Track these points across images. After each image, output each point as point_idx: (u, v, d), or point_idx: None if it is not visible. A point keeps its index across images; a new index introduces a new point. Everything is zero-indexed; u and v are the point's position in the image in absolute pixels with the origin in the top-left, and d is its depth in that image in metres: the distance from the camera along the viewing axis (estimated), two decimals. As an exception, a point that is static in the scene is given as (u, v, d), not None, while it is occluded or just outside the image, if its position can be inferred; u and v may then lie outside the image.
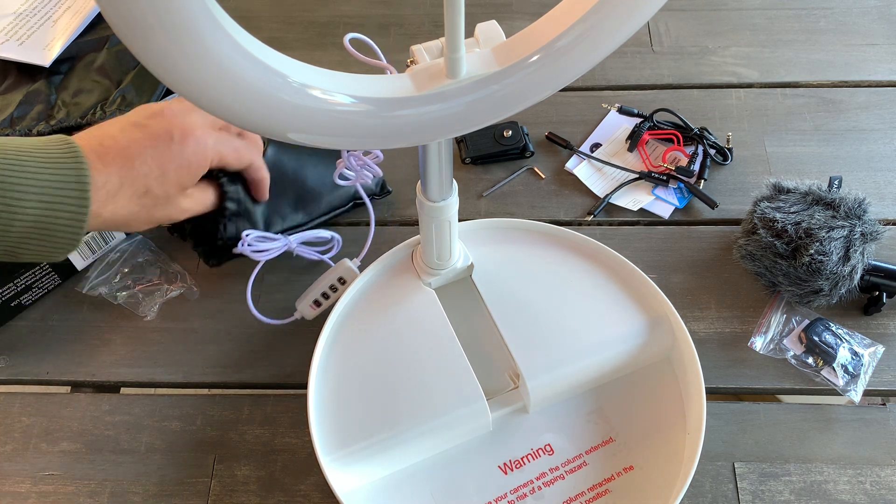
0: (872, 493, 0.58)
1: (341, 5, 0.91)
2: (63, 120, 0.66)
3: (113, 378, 0.66)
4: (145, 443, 0.62)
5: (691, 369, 0.59)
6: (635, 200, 0.73)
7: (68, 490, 0.60)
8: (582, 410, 0.60)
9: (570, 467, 0.58)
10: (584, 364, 0.59)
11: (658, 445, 0.58)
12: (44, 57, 0.72)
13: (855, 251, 0.62)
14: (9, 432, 0.63)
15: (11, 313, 0.68)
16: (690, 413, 0.58)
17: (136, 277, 0.69)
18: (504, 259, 0.64)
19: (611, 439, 0.59)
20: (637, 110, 0.78)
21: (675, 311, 0.60)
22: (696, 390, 0.58)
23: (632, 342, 0.60)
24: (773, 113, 0.79)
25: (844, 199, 0.64)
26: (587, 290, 0.63)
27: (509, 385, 0.60)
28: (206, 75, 0.39)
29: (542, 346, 0.59)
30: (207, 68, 0.38)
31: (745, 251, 0.66)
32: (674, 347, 0.61)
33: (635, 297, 0.62)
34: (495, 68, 0.44)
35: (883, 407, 0.62)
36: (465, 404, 0.57)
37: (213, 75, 0.39)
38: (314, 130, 0.43)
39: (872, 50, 0.83)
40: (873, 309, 0.65)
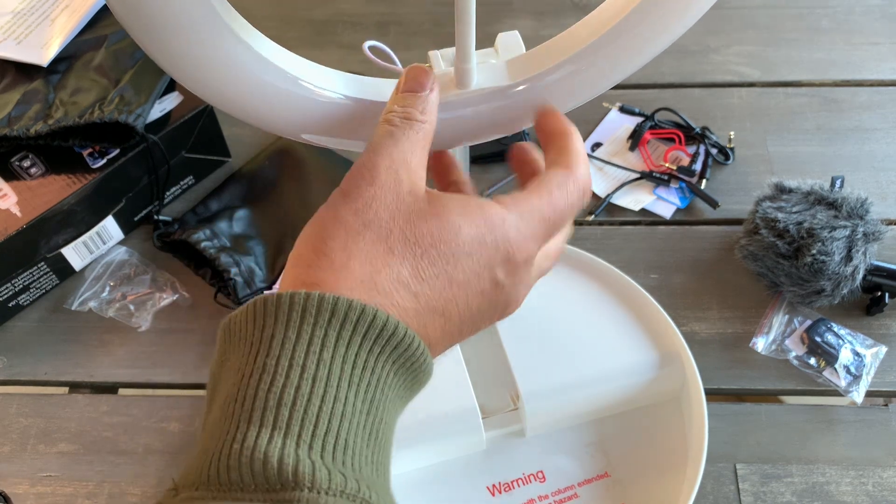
0: (874, 494, 0.57)
1: (340, 3, 0.90)
2: (61, 119, 0.66)
3: (111, 379, 0.65)
4: (143, 444, 0.62)
5: (697, 414, 0.57)
6: (636, 200, 0.73)
7: (66, 491, 0.60)
8: (580, 441, 0.59)
9: (559, 497, 0.57)
10: (586, 393, 0.58)
11: (653, 488, 0.56)
12: (41, 56, 0.71)
13: (857, 251, 0.62)
14: (6, 433, 0.63)
15: (9, 314, 0.68)
16: (690, 458, 0.56)
17: (126, 290, 0.69)
18: None
19: (606, 474, 0.57)
20: (638, 109, 0.78)
21: (688, 351, 0.59)
22: (697, 439, 0.56)
23: (639, 377, 0.59)
24: (776, 112, 0.79)
25: (847, 199, 0.63)
26: (600, 318, 0.61)
27: (509, 406, 0.59)
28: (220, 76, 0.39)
29: (546, 369, 0.58)
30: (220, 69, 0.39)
31: (747, 251, 0.65)
32: (683, 388, 0.59)
33: (649, 330, 0.60)
34: (506, 82, 0.43)
35: (885, 408, 0.62)
36: (458, 418, 0.56)
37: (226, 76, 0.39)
38: (327, 132, 0.43)
39: (875, 49, 0.83)
40: (875, 309, 0.65)
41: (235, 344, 0.34)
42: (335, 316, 0.33)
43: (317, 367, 0.32)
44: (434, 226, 0.37)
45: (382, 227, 0.36)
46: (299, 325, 0.33)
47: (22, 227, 0.64)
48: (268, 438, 0.31)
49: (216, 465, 0.31)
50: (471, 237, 0.37)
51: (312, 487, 0.30)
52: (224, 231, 0.69)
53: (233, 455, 0.31)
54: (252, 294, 0.67)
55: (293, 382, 0.32)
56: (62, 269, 0.69)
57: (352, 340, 0.33)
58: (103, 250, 0.71)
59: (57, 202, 0.65)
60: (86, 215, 0.68)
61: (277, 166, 0.75)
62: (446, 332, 0.38)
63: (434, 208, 0.37)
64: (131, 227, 0.73)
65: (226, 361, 0.35)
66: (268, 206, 0.72)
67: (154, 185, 0.72)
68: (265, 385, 0.32)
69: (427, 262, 0.36)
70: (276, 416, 0.31)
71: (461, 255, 0.37)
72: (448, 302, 0.37)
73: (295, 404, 0.31)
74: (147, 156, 0.69)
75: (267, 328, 0.33)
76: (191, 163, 0.74)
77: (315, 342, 0.33)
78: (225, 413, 0.32)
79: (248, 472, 0.30)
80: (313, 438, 0.31)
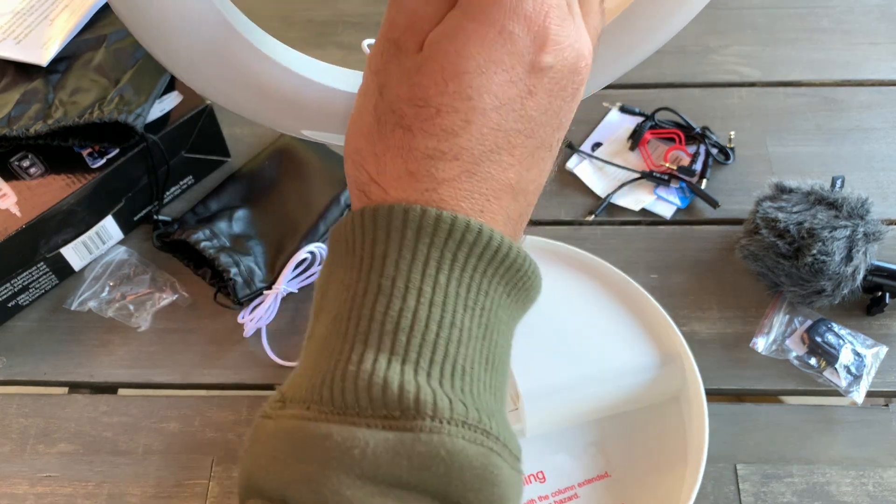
0: (875, 494, 0.57)
1: (341, 4, 0.90)
2: (61, 119, 0.66)
3: (111, 379, 0.65)
4: (143, 444, 0.62)
5: (697, 414, 0.57)
6: (637, 200, 0.73)
7: (66, 491, 0.60)
8: (581, 441, 0.59)
9: (559, 497, 0.56)
10: (586, 393, 0.58)
11: (654, 488, 0.56)
12: (41, 56, 0.71)
13: (857, 251, 0.62)
14: (6, 433, 0.63)
15: (8, 314, 0.68)
16: (690, 458, 0.56)
17: (125, 290, 0.69)
18: None
19: (606, 474, 0.57)
20: (638, 109, 0.77)
21: (688, 351, 0.59)
22: (697, 439, 0.56)
23: (639, 377, 0.58)
24: (775, 112, 0.79)
25: (847, 199, 0.63)
26: (600, 318, 0.61)
27: (509, 406, 0.58)
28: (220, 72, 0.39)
29: (546, 369, 0.58)
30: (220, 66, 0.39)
31: (748, 251, 0.65)
32: (683, 389, 0.59)
33: (649, 330, 0.60)
34: None
35: (886, 408, 0.61)
36: None
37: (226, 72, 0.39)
38: (327, 128, 0.43)
39: (874, 49, 0.83)
40: (876, 309, 0.65)
41: (343, 255, 0.33)
42: (451, 236, 0.31)
43: (433, 290, 0.31)
44: (434, 72, 0.32)
45: (393, 112, 0.33)
46: (415, 246, 0.31)
47: (21, 226, 0.64)
48: (386, 363, 0.30)
49: (330, 386, 0.30)
50: (474, 51, 0.32)
51: (434, 416, 0.29)
52: (224, 231, 0.69)
53: (348, 377, 0.30)
54: (252, 294, 0.67)
55: (410, 307, 0.31)
56: (62, 269, 0.69)
57: (467, 262, 0.32)
58: (103, 250, 0.71)
59: (56, 202, 0.65)
60: (85, 215, 0.68)
61: (277, 166, 0.75)
62: (523, 161, 0.33)
63: (428, 55, 0.32)
64: (131, 227, 0.73)
65: (333, 273, 0.34)
66: (268, 206, 0.72)
67: (154, 184, 0.72)
68: (381, 307, 0.31)
69: (448, 116, 0.32)
70: (394, 340, 0.30)
71: (475, 78, 0.32)
72: (497, 134, 0.32)
73: (413, 329, 0.31)
74: (147, 156, 0.69)
75: (378, 244, 0.32)
76: (190, 163, 0.74)
77: (431, 264, 0.31)
78: (337, 330, 0.32)
79: (366, 397, 0.30)
80: (431, 365, 0.30)
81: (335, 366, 0.30)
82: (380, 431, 0.29)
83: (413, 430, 0.29)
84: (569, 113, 0.35)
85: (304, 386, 0.31)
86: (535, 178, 0.35)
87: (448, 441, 0.29)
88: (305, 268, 0.67)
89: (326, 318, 0.33)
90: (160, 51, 0.38)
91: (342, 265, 0.33)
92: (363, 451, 0.29)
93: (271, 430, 0.31)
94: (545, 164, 0.35)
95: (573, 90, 0.34)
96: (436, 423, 0.29)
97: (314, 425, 0.30)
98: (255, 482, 0.31)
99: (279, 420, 0.31)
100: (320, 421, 0.30)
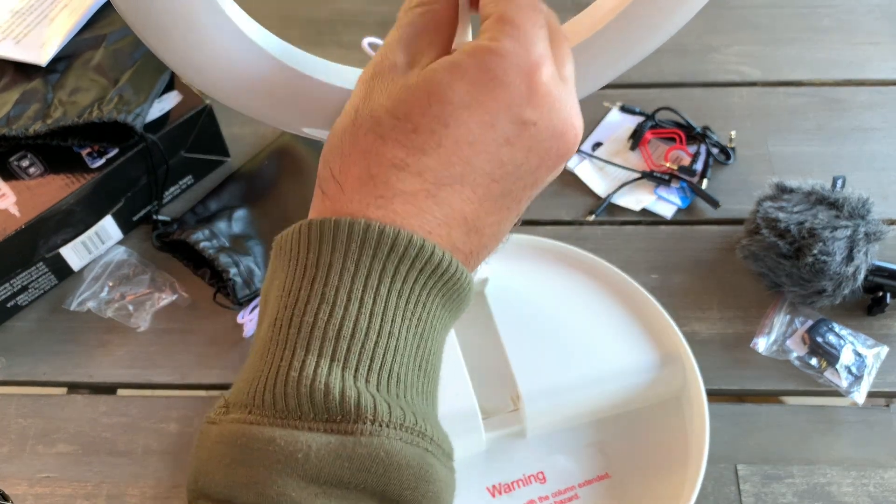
0: (876, 494, 0.57)
1: (341, 3, 0.90)
2: (60, 119, 0.66)
3: (110, 379, 0.65)
4: (142, 445, 0.62)
5: (698, 414, 0.57)
6: (637, 200, 0.73)
7: (65, 492, 0.60)
8: (581, 441, 0.58)
9: (560, 498, 0.56)
10: (587, 393, 0.58)
11: (654, 489, 0.56)
12: (40, 55, 0.71)
13: (858, 251, 0.62)
14: (5, 434, 0.63)
15: (7, 314, 0.68)
16: (691, 459, 0.56)
17: (125, 290, 0.68)
18: (520, 277, 0.63)
19: (607, 475, 0.57)
20: (639, 109, 0.77)
21: (688, 351, 0.59)
22: (698, 439, 0.56)
23: (640, 377, 0.58)
24: (776, 112, 0.78)
25: (848, 199, 0.63)
26: (600, 318, 0.61)
27: (509, 406, 0.58)
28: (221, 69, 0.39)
29: (546, 370, 0.58)
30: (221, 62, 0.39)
31: (748, 251, 0.65)
32: (684, 389, 0.59)
33: (650, 330, 0.60)
34: None
35: (886, 408, 0.61)
36: (458, 419, 0.55)
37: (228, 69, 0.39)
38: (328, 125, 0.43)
39: (876, 48, 0.83)
40: (877, 309, 0.65)
41: (287, 263, 0.34)
42: (394, 250, 0.33)
43: (373, 301, 0.32)
44: (421, 94, 0.33)
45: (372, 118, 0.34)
46: (357, 257, 0.32)
47: (21, 227, 0.64)
48: (328, 369, 0.31)
49: (272, 390, 0.31)
50: (464, 88, 0.33)
51: (374, 420, 0.31)
52: (223, 231, 0.69)
53: (290, 382, 0.31)
54: (251, 294, 0.66)
55: (351, 315, 0.32)
56: (61, 269, 0.69)
57: (408, 275, 0.33)
58: (102, 250, 0.71)
59: (56, 202, 0.65)
60: (84, 215, 0.68)
61: (277, 166, 0.75)
62: (483, 202, 0.34)
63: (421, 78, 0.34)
64: (130, 227, 0.72)
65: (275, 279, 0.35)
66: (267, 206, 0.72)
67: (153, 184, 0.71)
68: (324, 315, 0.32)
69: (423, 134, 0.33)
70: (335, 347, 0.32)
71: (458, 109, 0.33)
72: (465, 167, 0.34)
73: (353, 337, 0.32)
74: (146, 155, 0.69)
75: (324, 254, 0.33)
76: (190, 162, 0.74)
77: (373, 275, 0.32)
78: (277, 335, 0.32)
79: (308, 402, 0.31)
80: (370, 372, 0.32)
81: (277, 370, 0.31)
82: (322, 435, 0.30)
83: (354, 433, 0.30)
84: (545, 175, 0.36)
85: (245, 390, 0.32)
86: (494, 223, 0.36)
87: (387, 443, 0.31)
88: None
89: (266, 323, 0.34)
90: (160, 47, 0.37)
91: (285, 271, 0.34)
92: (306, 455, 0.30)
93: (215, 435, 0.32)
94: (509, 213, 0.36)
95: (556, 155, 0.35)
96: (375, 427, 0.31)
97: (257, 429, 0.31)
98: (202, 485, 0.32)
99: (222, 425, 0.32)
100: (263, 425, 0.31)
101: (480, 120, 0.33)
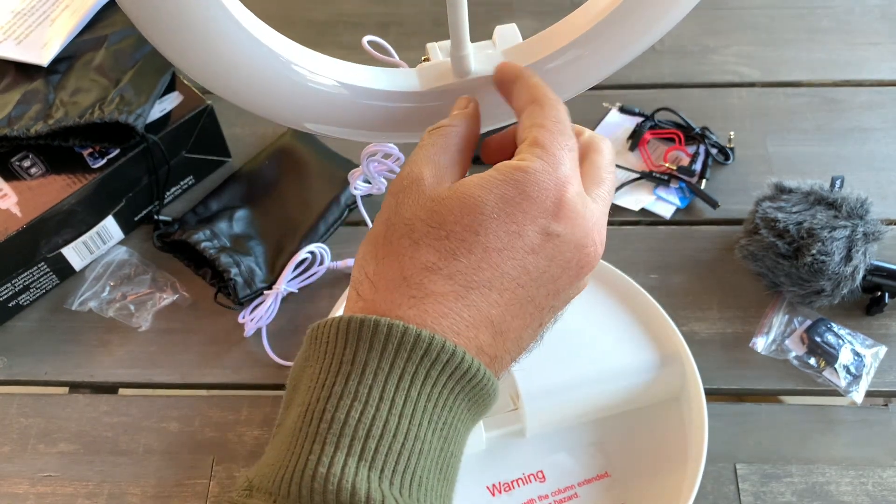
0: (874, 494, 0.57)
1: (341, 4, 0.90)
2: (61, 119, 0.66)
3: (111, 379, 0.65)
4: (143, 444, 0.62)
5: (697, 414, 0.57)
6: (636, 200, 0.73)
7: (66, 491, 0.60)
8: (581, 441, 0.59)
9: (559, 497, 0.56)
10: (586, 393, 0.58)
11: (653, 488, 0.56)
12: (42, 56, 0.71)
13: (857, 251, 0.62)
14: (7, 433, 0.63)
15: (9, 314, 0.68)
16: (690, 458, 0.56)
17: (126, 290, 0.69)
18: None
19: (606, 474, 0.57)
20: (638, 109, 0.77)
21: (688, 351, 0.59)
22: (697, 439, 0.56)
23: (639, 377, 0.58)
24: (775, 112, 0.79)
25: (846, 199, 0.63)
26: (600, 318, 0.61)
27: (509, 405, 0.59)
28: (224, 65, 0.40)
29: (546, 369, 0.57)
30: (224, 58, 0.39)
31: (747, 251, 0.65)
32: (683, 389, 0.59)
33: (649, 330, 0.60)
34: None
35: (885, 408, 0.61)
36: None
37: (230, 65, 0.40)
38: (329, 121, 0.44)
39: (874, 49, 0.83)
40: (875, 309, 0.65)
41: (322, 354, 0.35)
42: (427, 354, 0.34)
43: (404, 403, 0.33)
44: (454, 205, 0.36)
45: (406, 226, 0.37)
46: (393, 358, 0.34)
47: (22, 227, 0.64)
48: (354, 469, 0.32)
49: (297, 482, 0.31)
50: (494, 200, 0.36)
51: None
52: (224, 231, 0.69)
53: (317, 477, 0.31)
54: (252, 294, 0.67)
55: (382, 416, 0.33)
56: (62, 269, 0.69)
57: (437, 379, 0.34)
58: (103, 250, 0.71)
59: (57, 202, 0.65)
60: (86, 215, 0.68)
61: (277, 166, 0.75)
62: (509, 306, 0.36)
63: (454, 191, 0.37)
64: (131, 227, 0.73)
65: (308, 367, 0.36)
66: (268, 206, 0.72)
67: (154, 185, 0.72)
68: (355, 413, 0.33)
69: (455, 241, 0.36)
70: (364, 446, 0.32)
71: (489, 219, 0.36)
72: (494, 272, 0.36)
73: (382, 438, 0.32)
74: (147, 156, 0.69)
75: (360, 352, 0.34)
76: (191, 163, 0.74)
77: (406, 378, 0.34)
78: (307, 425, 0.33)
79: (333, 500, 0.31)
80: (394, 475, 0.32)
81: (305, 463, 0.32)
82: None
83: None
84: (566, 284, 0.38)
85: (270, 477, 0.32)
86: (518, 328, 0.37)
87: None
88: (306, 268, 0.67)
89: (297, 410, 0.34)
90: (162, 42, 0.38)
91: (320, 363, 0.35)
92: None
93: None
94: (531, 320, 0.38)
95: (577, 266, 0.38)
96: None
97: None
98: None
99: None
100: None
101: (508, 229, 0.36)
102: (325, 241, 0.71)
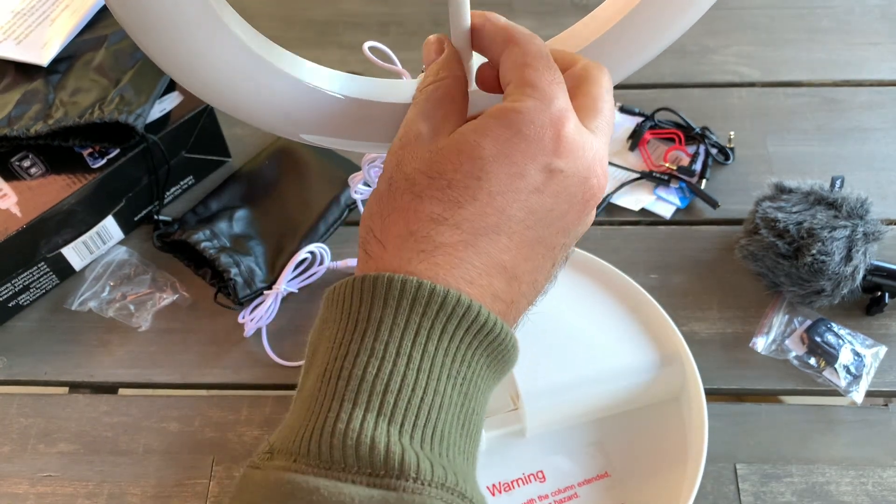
0: (874, 494, 0.57)
1: (341, 4, 0.90)
2: (61, 119, 0.66)
3: (111, 379, 0.65)
4: (143, 444, 0.62)
5: (697, 414, 0.57)
6: (637, 200, 0.73)
7: (66, 491, 0.60)
8: (581, 441, 0.59)
9: (559, 497, 0.56)
10: (586, 393, 0.58)
11: (653, 488, 0.56)
12: (41, 56, 0.71)
13: (857, 251, 0.62)
14: (6, 433, 0.63)
15: (9, 314, 0.68)
16: (690, 458, 0.56)
17: (126, 290, 0.69)
18: None
19: (606, 474, 0.57)
20: (638, 109, 0.78)
21: (688, 351, 0.59)
22: (697, 439, 0.56)
23: (639, 377, 0.58)
24: (775, 112, 0.79)
25: (846, 199, 0.63)
26: (600, 318, 0.61)
27: (509, 405, 0.58)
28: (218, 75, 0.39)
29: (546, 369, 0.57)
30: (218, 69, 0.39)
31: (747, 251, 0.65)
32: (683, 389, 0.59)
33: (649, 330, 0.60)
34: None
35: (885, 408, 0.61)
36: None
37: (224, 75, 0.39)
38: (325, 132, 0.43)
39: (874, 49, 0.83)
40: (875, 309, 0.65)
41: (338, 315, 0.35)
42: (443, 308, 0.34)
43: (421, 357, 0.33)
44: (452, 153, 0.36)
45: (407, 180, 0.36)
46: (408, 314, 0.34)
47: (22, 227, 0.64)
48: (374, 423, 0.32)
49: (317, 440, 0.32)
50: (491, 143, 0.36)
51: (417, 478, 0.31)
52: (224, 231, 0.69)
53: (336, 434, 0.31)
54: (252, 294, 0.67)
55: (399, 371, 0.33)
56: (62, 269, 0.69)
57: (454, 333, 0.34)
58: (103, 250, 0.71)
59: (57, 202, 0.65)
60: (86, 215, 0.68)
61: (277, 166, 0.75)
62: (520, 249, 0.36)
63: (451, 140, 0.37)
64: (131, 227, 0.73)
65: (325, 330, 0.36)
66: (268, 206, 0.72)
67: (154, 185, 0.72)
68: (373, 369, 0.33)
69: (457, 189, 0.35)
70: (382, 401, 0.32)
71: (488, 162, 0.35)
72: (500, 216, 0.36)
73: (400, 392, 0.32)
74: (147, 156, 0.69)
75: (375, 309, 0.34)
76: (191, 163, 0.74)
77: (422, 332, 0.34)
78: (325, 385, 0.33)
79: (353, 455, 0.31)
80: (414, 429, 0.32)
81: (325, 421, 0.32)
82: (364, 488, 0.31)
83: (397, 489, 0.31)
84: (575, 220, 0.38)
85: (291, 438, 0.33)
86: (531, 270, 0.37)
87: (428, 502, 0.31)
88: (305, 268, 0.67)
89: (315, 373, 0.34)
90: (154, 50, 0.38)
91: (336, 323, 0.35)
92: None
93: (259, 480, 0.32)
94: (543, 260, 0.38)
95: (582, 200, 0.38)
96: (418, 485, 0.31)
97: (302, 478, 0.31)
98: None
99: (267, 470, 0.32)
100: (308, 474, 0.31)
101: (510, 171, 0.36)
102: (325, 241, 0.71)
